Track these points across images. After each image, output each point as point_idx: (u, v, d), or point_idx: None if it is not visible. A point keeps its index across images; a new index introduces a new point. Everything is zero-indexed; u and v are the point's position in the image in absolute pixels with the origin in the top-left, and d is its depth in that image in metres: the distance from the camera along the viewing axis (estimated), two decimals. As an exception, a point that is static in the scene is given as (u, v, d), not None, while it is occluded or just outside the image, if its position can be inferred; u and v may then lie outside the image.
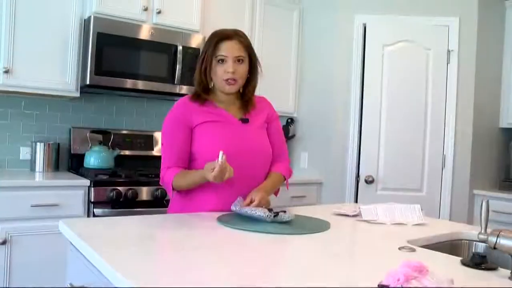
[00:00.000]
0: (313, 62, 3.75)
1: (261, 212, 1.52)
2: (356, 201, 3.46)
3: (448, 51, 3.39)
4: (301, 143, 3.80)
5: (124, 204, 2.61)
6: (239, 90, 1.81)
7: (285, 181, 1.90)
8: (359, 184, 3.42)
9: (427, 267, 0.89)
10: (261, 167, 1.81)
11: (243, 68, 1.75)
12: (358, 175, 3.45)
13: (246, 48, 1.76)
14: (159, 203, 2.70)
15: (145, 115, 3.44)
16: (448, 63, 3.40)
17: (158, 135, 3.38)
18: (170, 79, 3.03)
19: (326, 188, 3.56)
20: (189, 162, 1.76)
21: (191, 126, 1.74)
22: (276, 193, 1.89)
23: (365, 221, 1.72)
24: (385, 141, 3.39)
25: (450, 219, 3.34)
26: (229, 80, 1.73)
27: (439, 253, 1.32)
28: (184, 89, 3.08)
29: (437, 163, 3.41)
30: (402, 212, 1.79)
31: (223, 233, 1.41)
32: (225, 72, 1.72)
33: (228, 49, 1.72)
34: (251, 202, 1.63)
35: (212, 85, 1.81)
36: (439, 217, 3.39)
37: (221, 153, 1.52)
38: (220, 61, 1.72)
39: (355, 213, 1.82)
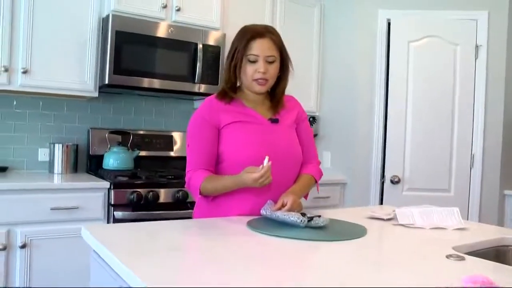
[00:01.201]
0: (335, 60, 3.65)
1: (294, 217, 1.43)
2: (381, 202, 3.35)
3: (477, 46, 3.27)
4: (323, 142, 3.70)
5: (145, 207, 2.54)
6: (268, 90, 1.73)
7: (316, 184, 1.81)
8: (385, 184, 3.31)
9: (495, 283, 0.79)
10: (291, 169, 1.72)
11: (274, 68, 1.67)
12: (383, 175, 3.34)
13: (278, 47, 1.67)
14: (180, 205, 2.63)
15: (164, 114, 3.37)
16: (476, 58, 3.27)
17: (177, 135, 3.32)
18: (190, 77, 2.96)
19: (350, 188, 3.46)
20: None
21: (219, 127, 1.66)
22: (306, 196, 1.80)
23: (401, 225, 1.62)
24: (411, 140, 3.28)
25: (479, 221, 3.22)
26: (259, 80, 1.65)
27: (490, 262, 1.22)
28: (204, 87, 3.01)
29: (466, 162, 3.29)
30: (440, 216, 1.69)
31: (254, 240, 1.33)
32: (256, 72, 1.64)
33: (260, 48, 1.63)
34: (282, 206, 1.54)
35: (240, 83, 1.73)
36: (467, 219, 3.26)
37: (267, 158, 1.48)
38: (251, 60, 1.64)
39: (389, 216, 1.72)
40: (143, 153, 3.14)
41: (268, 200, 1.62)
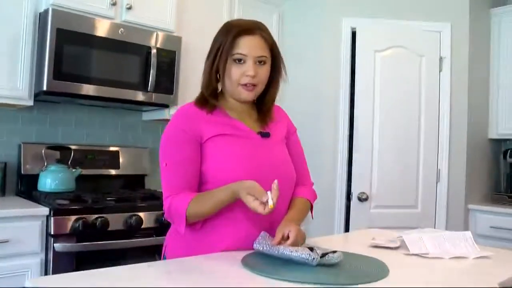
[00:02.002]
0: (296, 70, 3.43)
1: (302, 253, 1.16)
2: (347, 221, 3.16)
3: (441, 58, 3.20)
4: (283, 157, 3.45)
5: (92, 237, 2.14)
6: (255, 98, 1.45)
7: (311, 209, 1.55)
8: (352, 202, 3.13)
9: None
10: (287, 192, 1.45)
11: (265, 71, 1.40)
12: (349, 193, 3.15)
13: (269, 46, 1.40)
14: (133, 232, 2.26)
15: (109, 127, 2.97)
16: (440, 70, 3.20)
17: (123, 151, 2.93)
18: (142, 85, 2.61)
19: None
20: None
21: (201, 140, 1.36)
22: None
23: (416, 255, 1.39)
24: (378, 155, 3.12)
25: (446, 237, 3.11)
26: (247, 85, 1.37)
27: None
28: (157, 97, 2.67)
29: (432, 177, 3.19)
30: (453, 242, 1.48)
31: (255, 284, 1.04)
32: (243, 76, 1.36)
33: (249, 46, 1.36)
34: (283, 239, 1.26)
35: (221, 89, 1.44)
36: (434, 235, 3.15)
37: (276, 183, 1.22)
38: (237, 61, 1.36)
39: (396, 245, 1.49)
40: (85, 172, 2.72)
41: (261, 231, 1.33)
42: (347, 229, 3.14)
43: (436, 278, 1.18)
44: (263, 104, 1.48)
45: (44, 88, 2.28)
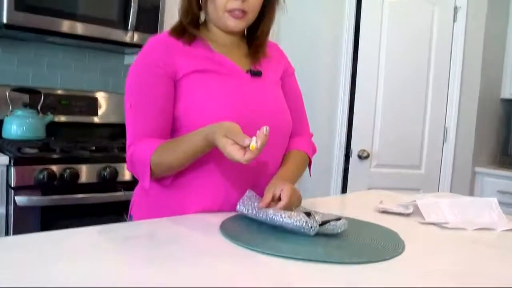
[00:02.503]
0: (294, 18, 3.11)
1: (298, 219, 0.91)
2: (345, 179, 2.94)
3: (455, 8, 2.89)
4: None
5: (60, 190, 1.90)
6: (245, 29, 1.18)
7: (309, 164, 1.30)
8: (351, 160, 2.89)
9: None
10: (279, 144, 1.19)
11: None
12: (348, 150, 2.92)
13: None
14: (107, 186, 2.02)
15: (87, 70, 2.68)
16: (454, 21, 2.90)
17: (103, 97, 2.65)
18: (121, 23, 2.30)
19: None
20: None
21: (175, 77, 1.09)
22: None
23: (432, 224, 1.16)
24: (382, 111, 2.86)
25: (449, 201, 2.91)
26: (236, 12, 1.09)
27: None
28: (138, 37, 2.36)
29: (438, 136, 2.95)
30: (475, 210, 1.25)
31: (236, 260, 0.80)
32: (231, 0, 1.07)
33: None
34: (273, 200, 1.01)
35: (204, 18, 1.16)
36: (437, 199, 2.95)
37: (266, 128, 0.93)
38: None
39: (408, 211, 1.25)
40: (59, 119, 2.45)
41: (247, 189, 1.08)
42: (344, 189, 2.93)
43: (461, 256, 0.95)
44: (254, 37, 1.20)
45: (4, 20, 1.97)
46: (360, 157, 2.85)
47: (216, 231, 0.95)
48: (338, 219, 0.94)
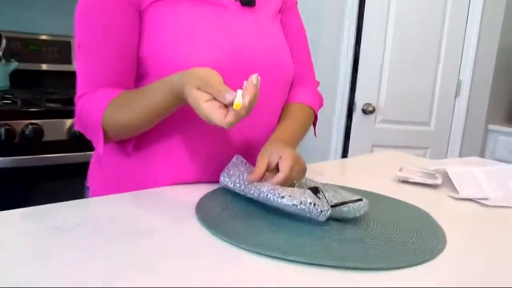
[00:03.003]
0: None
1: (303, 201, 0.66)
2: (347, 135, 2.69)
3: None
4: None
5: (21, 150, 1.64)
6: None
7: (315, 121, 1.04)
8: (354, 114, 2.63)
9: None
10: (277, 96, 0.93)
11: None
12: (351, 103, 2.65)
13: None
14: (79, 145, 1.76)
15: (61, 12, 2.35)
16: (476, -44, 2.55)
17: (78, 42, 2.34)
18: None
19: (309, 120, 2.73)
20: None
21: (139, 7, 0.81)
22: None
23: (470, 200, 0.92)
24: (389, 60, 2.56)
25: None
26: None
27: None
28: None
29: (451, 89, 2.67)
30: (519, 180, 1.01)
31: (214, 261, 0.56)
32: None
33: None
34: (269, 170, 0.76)
35: None
36: (446, 156, 2.72)
37: (256, 77, 0.66)
38: None
39: (436, 181, 1.01)
40: (25, 67, 2.16)
41: (234, 154, 0.83)
42: (345, 147, 2.69)
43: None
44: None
45: None
46: (364, 111, 2.59)
47: (190, 214, 0.71)
48: (358, 200, 0.69)
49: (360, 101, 2.59)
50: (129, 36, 0.81)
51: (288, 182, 0.74)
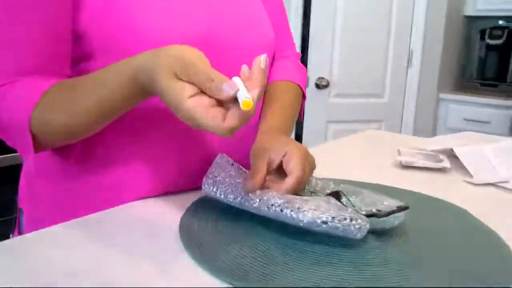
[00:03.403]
0: None
1: (338, 217, 0.48)
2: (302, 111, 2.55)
3: None
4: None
5: None
6: None
7: (303, 99, 0.86)
8: (307, 90, 2.48)
9: None
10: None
11: None
12: (304, 79, 2.50)
13: None
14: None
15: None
16: None
17: None
18: None
19: (260, 97, 2.56)
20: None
21: None
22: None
23: (486, 185, 0.79)
24: (341, 33, 2.44)
25: (414, 128, 2.65)
26: None
27: None
28: None
29: (402, 60, 2.60)
30: (530, 157, 0.90)
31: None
32: None
33: None
34: (270, 172, 0.58)
35: None
36: (401, 127, 2.67)
37: (264, 58, 0.47)
38: None
39: (444, 164, 0.87)
40: None
41: (218, 154, 0.64)
42: (299, 124, 2.56)
43: None
44: None
45: None
46: (318, 86, 2.46)
47: (170, 241, 0.51)
48: (404, 208, 0.53)
49: (312, 76, 2.46)
50: (58, 2, 0.58)
51: (301, 187, 0.56)
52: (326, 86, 2.45)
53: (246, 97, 0.43)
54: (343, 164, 0.90)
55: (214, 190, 0.58)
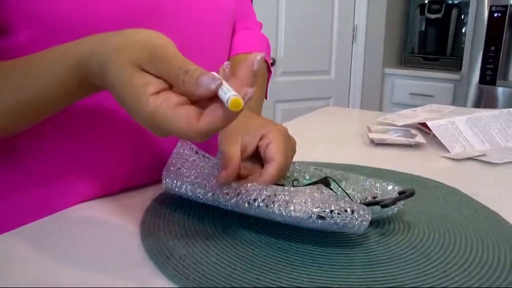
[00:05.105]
0: None
1: (338, 209, 0.40)
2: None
3: None
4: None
5: None
6: None
7: (268, 73, 0.77)
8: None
9: None
10: (222, 43, 0.64)
11: None
12: (249, 57, 2.41)
13: None
14: None
15: None
16: None
17: None
18: None
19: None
20: None
21: None
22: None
23: (468, 159, 0.75)
24: (285, 10, 2.36)
25: (361, 105, 2.65)
26: None
27: None
28: None
29: (347, 35, 2.57)
30: (499, 128, 0.86)
31: None
32: None
33: None
34: (244, 158, 0.48)
35: None
36: (348, 104, 2.66)
37: (261, 57, 0.36)
38: None
39: (418, 140, 0.82)
40: None
41: (179, 141, 0.53)
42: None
43: None
44: None
45: None
46: (265, 65, 2.37)
47: (136, 257, 0.41)
48: (410, 194, 0.45)
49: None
50: None
51: (282, 176, 0.47)
52: (272, 64, 2.37)
53: (235, 95, 0.33)
54: (310, 145, 0.82)
55: (178, 184, 0.48)
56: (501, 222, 0.48)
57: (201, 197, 0.47)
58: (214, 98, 0.35)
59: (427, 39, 2.86)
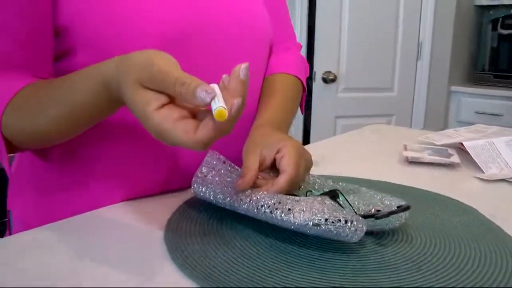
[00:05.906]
0: None
1: (332, 218, 0.45)
2: (308, 107, 2.51)
3: None
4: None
5: None
6: None
7: (303, 93, 0.82)
8: (314, 85, 2.44)
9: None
10: (256, 65, 0.70)
11: None
12: (310, 72, 2.46)
13: None
14: None
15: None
16: None
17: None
18: None
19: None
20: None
21: None
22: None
23: (501, 180, 0.75)
24: (348, 26, 2.38)
25: (424, 122, 2.59)
26: None
27: None
28: None
29: (412, 53, 2.54)
30: (544, 150, 0.85)
31: None
32: None
33: None
34: (263, 169, 0.54)
35: None
36: (411, 122, 2.62)
37: (245, 67, 0.41)
38: None
39: (452, 159, 0.83)
40: None
41: (209, 152, 0.60)
42: (307, 120, 2.51)
43: None
44: None
45: None
46: (325, 80, 2.40)
47: (157, 251, 0.48)
48: (405, 208, 0.48)
49: (319, 70, 2.41)
50: None
51: (294, 186, 0.52)
52: (333, 80, 2.40)
53: (221, 106, 0.38)
54: (347, 160, 0.86)
55: (203, 190, 0.55)
56: (504, 240, 0.49)
57: (221, 201, 0.53)
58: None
59: (499, 56, 2.75)
